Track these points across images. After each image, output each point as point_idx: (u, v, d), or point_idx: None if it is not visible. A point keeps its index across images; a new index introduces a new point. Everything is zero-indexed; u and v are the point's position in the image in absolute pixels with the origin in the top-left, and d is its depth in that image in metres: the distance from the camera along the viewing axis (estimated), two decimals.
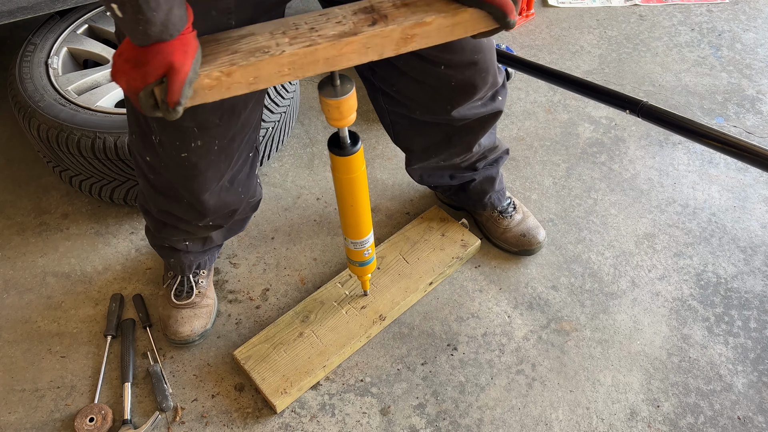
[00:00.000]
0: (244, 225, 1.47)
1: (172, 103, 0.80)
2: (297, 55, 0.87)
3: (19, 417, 1.35)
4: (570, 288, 1.54)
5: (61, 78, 1.65)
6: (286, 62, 0.87)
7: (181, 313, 1.42)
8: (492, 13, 0.93)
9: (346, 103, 1.01)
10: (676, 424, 1.31)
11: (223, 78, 0.85)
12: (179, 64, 0.78)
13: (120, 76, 0.81)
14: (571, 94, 1.99)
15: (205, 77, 0.84)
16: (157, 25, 0.74)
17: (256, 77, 0.87)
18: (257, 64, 0.86)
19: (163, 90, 0.80)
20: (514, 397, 1.36)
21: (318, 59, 0.89)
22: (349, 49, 0.90)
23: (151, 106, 0.82)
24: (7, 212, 1.74)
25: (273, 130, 1.70)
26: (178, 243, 1.37)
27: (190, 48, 0.80)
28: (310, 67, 0.90)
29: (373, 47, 0.91)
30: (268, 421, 1.33)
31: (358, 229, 1.26)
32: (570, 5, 2.40)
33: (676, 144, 1.86)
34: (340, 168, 1.13)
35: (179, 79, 0.78)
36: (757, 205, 1.70)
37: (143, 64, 0.78)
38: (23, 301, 1.54)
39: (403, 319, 1.49)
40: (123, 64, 0.80)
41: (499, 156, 1.52)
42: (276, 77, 0.89)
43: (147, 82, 0.79)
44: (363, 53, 0.91)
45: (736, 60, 2.14)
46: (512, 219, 1.57)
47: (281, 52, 0.86)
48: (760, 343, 1.43)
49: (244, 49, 0.88)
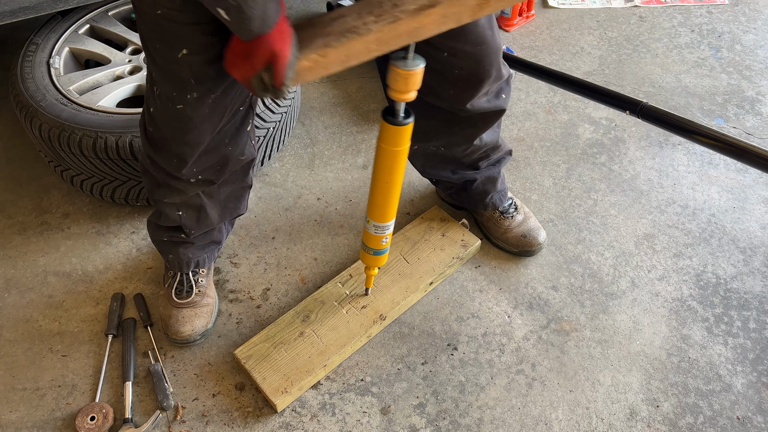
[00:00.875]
0: (239, 206, 1.46)
1: (279, 85, 0.92)
2: (382, 32, 0.95)
3: (21, 415, 1.35)
4: (570, 288, 1.54)
5: (63, 78, 1.66)
6: (373, 39, 0.96)
7: (182, 313, 1.43)
8: None
9: (414, 76, 1.05)
10: (676, 424, 1.31)
11: (319, 59, 0.95)
12: (280, 50, 0.90)
13: (233, 68, 0.96)
14: (572, 95, 1.99)
15: (304, 60, 0.94)
16: (257, 20, 0.86)
17: (348, 55, 0.96)
18: (347, 44, 0.95)
19: (270, 75, 0.92)
20: (513, 397, 1.36)
21: (401, 33, 0.97)
22: (429, 20, 0.96)
23: (262, 89, 0.95)
24: (8, 211, 1.74)
25: (274, 131, 1.70)
26: (173, 213, 1.36)
27: (287, 35, 0.92)
28: (394, 41, 0.98)
29: (451, 16, 0.98)
30: (268, 420, 1.33)
31: (385, 211, 1.24)
32: (570, 6, 2.41)
33: (676, 145, 1.87)
34: (388, 138, 1.13)
35: (283, 63, 0.91)
36: (757, 206, 1.71)
37: (251, 56, 0.92)
38: (24, 300, 1.55)
39: (403, 318, 1.49)
40: (234, 58, 0.95)
41: (502, 156, 1.53)
42: (365, 54, 0.97)
43: (256, 70, 0.92)
44: (442, 23, 0.98)
45: (736, 61, 2.15)
46: (513, 220, 1.57)
47: (368, 31, 0.95)
48: (759, 344, 1.43)
49: (336, 30, 0.96)
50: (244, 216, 1.71)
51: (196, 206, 1.36)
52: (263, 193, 1.77)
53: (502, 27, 2.32)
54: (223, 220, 1.45)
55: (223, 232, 1.52)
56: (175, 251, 1.43)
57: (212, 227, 1.44)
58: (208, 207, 1.38)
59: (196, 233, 1.41)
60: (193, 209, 1.37)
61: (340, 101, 2.01)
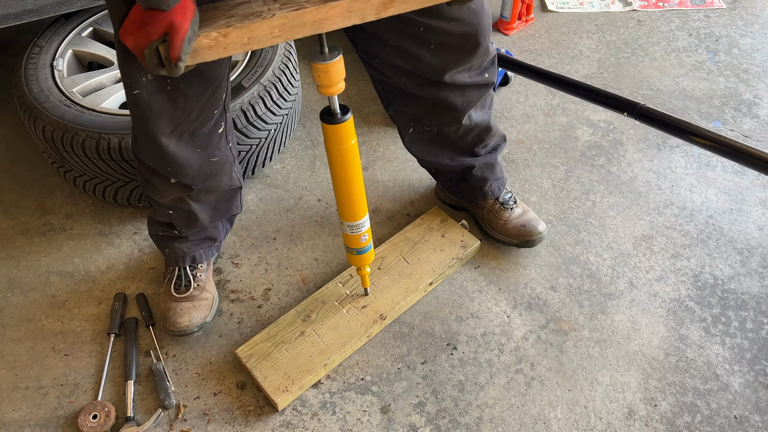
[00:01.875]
0: (231, 207, 1.47)
1: (174, 59, 0.90)
2: (286, 18, 0.96)
3: (23, 414, 1.36)
4: (568, 288, 1.55)
5: (66, 80, 1.67)
6: (277, 24, 0.97)
7: (180, 305, 1.44)
8: None
9: (333, 68, 1.07)
10: (674, 423, 1.32)
11: (220, 38, 0.95)
12: (179, 23, 0.88)
13: (127, 36, 0.92)
14: (570, 98, 2.01)
15: (204, 37, 0.94)
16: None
17: (250, 38, 0.97)
18: (250, 26, 0.96)
19: (166, 48, 0.90)
20: (513, 396, 1.37)
21: (305, 22, 0.98)
22: (334, 12, 0.98)
23: (156, 64, 0.92)
24: (11, 212, 1.75)
25: (275, 132, 1.72)
26: (164, 211, 1.38)
27: (189, 11, 0.90)
28: (298, 30, 0.99)
29: (356, 11, 0.99)
30: (269, 419, 1.34)
31: (352, 210, 1.27)
32: (569, 10, 2.43)
33: (674, 147, 1.88)
34: (332, 138, 1.16)
35: (179, 36, 0.89)
36: (754, 208, 1.72)
37: (147, 24, 0.89)
38: (27, 299, 1.56)
39: (403, 318, 1.50)
40: (130, 26, 0.92)
41: (498, 143, 1.55)
42: (268, 38, 0.98)
43: (151, 40, 0.89)
44: (347, 17, 1.00)
45: (733, 65, 2.17)
46: (513, 211, 1.59)
47: (272, 16, 0.96)
48: (756, 344, 1.44)
49: (239, 13, 0.97)
50: (246, 217, 1.72)
51: (184, 210, 1.37)
52: (264, 194, 1.78)
53: (502, 31, 2.34)
54: (215, 221, 1.46)
55: (220, 229, 1.52)
56: (170, 246, 1.45)
57: (204, 227, 1.45)
58: (198, 210, 1.39)
59: (188, 232, 1.43)
60: (182, 211, 1.38)
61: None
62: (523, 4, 2.29)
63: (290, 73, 1.70)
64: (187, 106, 1.17)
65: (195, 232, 1.45)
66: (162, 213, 1.40)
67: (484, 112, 1.45)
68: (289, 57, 1.72)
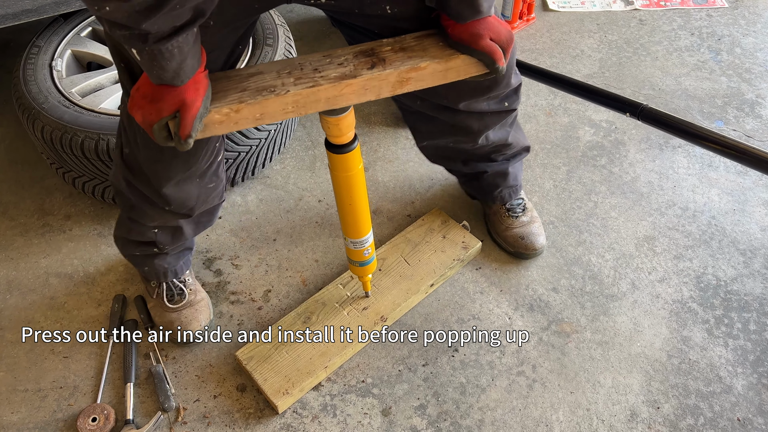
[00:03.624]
0: (212, 219, 1.42)
1: (184, 136, 0.86)
2: (300, 95, 0.94)
3: (22, 417, 1.35)
4: (570, 290, 1.54)
5: (65, 80, 1.66)
6: (290, 101, 0.94)
7: (183, 314, 1.43)
8: (482, 60, 1.00)
9: (344, 120, 1.05)
10: (676, 426, 1.32)
11: (231, 114, 0.92)
12: (191, 101, 0.85)
13: (136, 110, 0.88)
14: (572, 98, 2.00)
15: (215, 113, 0.91)
16: (170, 72, 0.81)
17: (262, 114, 0.94)
18: (263, 102, 0.92)
19: (176, 124, 0.86)
20: (514, 399, 1.36)
21: (320, 99, 0.96)
22: (349, 90, 0.96)
23: (164, 138, 0.89)
24: (10, 213, 1.75)
25: (275, 133, 1.71)
26: (148, 232, 1.32)
27: (202, 86, 0.87)
28: (312, 106, 0.96)
29: (371, 89, 0.98)
30: (269, 421, 1.34)
31: (356, 228, 1.27)
32: (570, 9, 2.42)
33: (676, 147, 1.87)
34: (337, 166, 1.15)
35: (191, 114, 0.85)
36: (757, 208, 1.71)
37: (158, 101, 0.85)
38: (26, 301, 1.55)
39: (404, 320, 1.49)
40: (140, 99, 0.87)
41: (517, 152, 1.52)
42: (280, 114, 0.95)
43: (161, 116, 0.86)
44: (362, 94, 0.98)
45: (736, 64, 2.16)
46: (517, 219, 1.58)
47: (286, 92, 0.93)
48: (759, 345, 1.43)
49: (252, 87, 0.94)
50: (246, 218, 1.71)
51: (170, 227, 1.34)
52: (264, 195, 1.77)
53: None
54: (197, 233, 1.43)
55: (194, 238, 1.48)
56: (150, 263, 1.41)
57: (186, 240, 1.41)
58: (183, 225, 1.35)
59: (170, 248, 1.39)
60: (167, 228, 1.34)
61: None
62: (524, 3, 2.28)
63: None
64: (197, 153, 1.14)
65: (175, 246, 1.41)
66: (145, 233, 1.33)
67: (504, 131, 1.41)
68: (288, 57, 1.71)
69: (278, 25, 1.74)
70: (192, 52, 0.83)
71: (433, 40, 1.03)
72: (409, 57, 0.99)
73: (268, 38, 1.70)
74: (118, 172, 1.23)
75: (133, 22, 0.72)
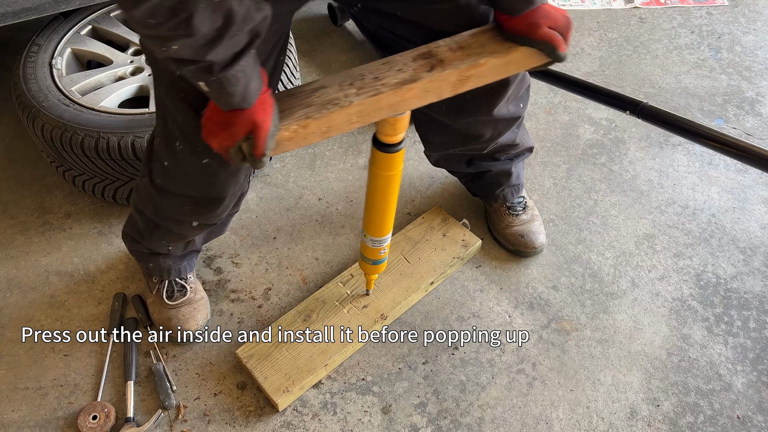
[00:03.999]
0: (224, 229, 1.44)
1: (258, 156, 0.90)
2: (364, 105, 0.94)
3: (23, 415, 1.36)
4: (570, 288, 1.55)
5: (65, 78, 1.66)
6: (355, 112, 0.95)
7: (181, 312, 1.43)
8: (543, 49, 1.00)
9: (402, 120, 1.03)
10: (676, 423, 1.32)
11: (300, 130, 0.93)
12: (261, 121, 0.88)
13: (212, 138, 0.92)
14: (572, 96, 2.00)
15: (284, 131, 0.92)
16: (237, 96, 0.84)
17: (329, 127, 0.95)
18: (329, 116, 0.93)
19: (250, 145, 0.89)
20: (514, 396, 1.36)
21: (382, 106, 0.96)
22: (411, 94, 0.96)
23: (240, 159, 0.92)
24: (10, 212, 1.75)
25: None
26: (160, 247, 1.36)
27: (269, 106, 0.90)
28: (375, 114, 0.97)
29: (432, 90, 0.98)
30: (270, 419, 1.34)
31: (381, 227, 1.25)
32: (570, 7, 2.42)
33: (676, 145, 1.87)
34: (381, 164, 1.12)
35: (263, 134, 0.88)
36: (757, 206, 1.71)
37: (231, 126, 0.89)
38: (26, 300, 1.55)
39: (404, 318, 1.49)
40: (213, 127, 0.91)
41: (520, 152, 1.52)
42: (346, 125, 0.96)
43: (236, 140, 0.89)
44: (423, 97, 0.98)
45: (736, 62, 2.16)
46: (517, 217, 1.58)
47: (349, 103, 0.94)
48: (759, 343, 1.43)
49: (317, 102, 0.95)
50: (246, 216, 1.71)
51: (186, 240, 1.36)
52: (264, 194, 1.77)
53: None
54: (207, 241, 1.45)
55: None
56: (154, 261, 1.42)
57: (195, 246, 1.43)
58: (197, 237, 1.38)
59: (176, 251, 1.40)
60: (182, 243, 1.36)
61: None
62: None
63: (290, 70, 1.69)
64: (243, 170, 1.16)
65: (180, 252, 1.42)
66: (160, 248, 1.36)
67: (512, 132, 1.41)
68: (288, 55, 1.71)
69: None
70: (255, 74, 0.85)
71: (490, 36, 1.01)
72: (467, 55, 0.98)
73: None
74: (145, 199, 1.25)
75: (199, 55, 0.75)
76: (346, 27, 2.32)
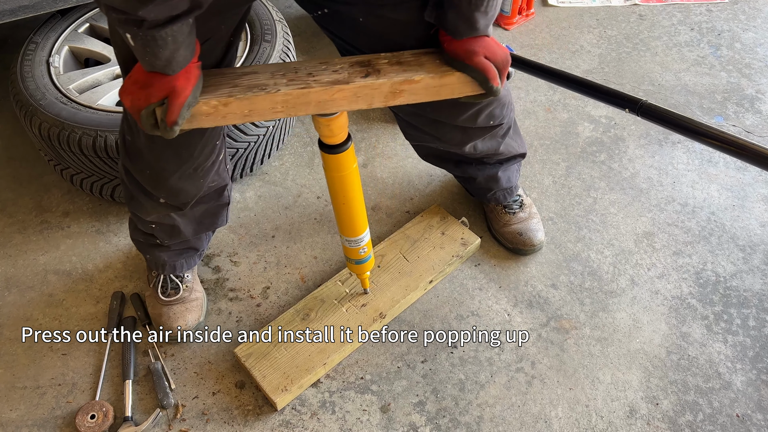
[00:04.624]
0: (217, 221, 1.43)
1: (170, 123, 0.88)
2: (291, 95, 0.95)
3: (21, 414, 1.35)
4: (569, 286, 1.54)
5: (63, 76, 1.66)
6: (280, 100, 0.95)
7: (172, 309, 1.43)
8: (476, 78, 0.99)
9: (336, 121, 1.05)
10: (675, 422, 1.32)
11: (219, 107, 0.93)
12: (180, 88, 0.87)
13: (126, 95, 0.90)
14: (571, 93, 1.99)
15: (203, 104, 0.92)
16: (162, 60, 0.83)
17: (251, 110, 0.95)
18: (253, 98, 0.94)
19: (164, 110, 0.88)
20: (513, 395, 1.36)
21: (310, 101, 0.97)
22: (340, 95, 0.97)
23: (151, 125, 0.90)
24: (8, 210, 1.74)
25: (273, 129, 1.70)
26: (146, 225, 1.34)
27: (193, 77, 0.88)
28: (302, 108, 0.97)
29: (363, 97, 0.99)
30: (268, 418, 1.34)
31: (352, 227, 1.27)
32: (570, 5, 2.41)
33: (676, 143, 1.87)
34: (331, 166, 1.15)
35: (179, 101, 0.87)
36: (756, 204, 1.71)
37: (148, 86, 0.87)
38: (25, 298, 1.55)
39: (403, 317, 1.49)
40: (131, 86, 0.89)
41: (510, 158, 1.51)
42: (269, 113, 0.96)
43: (149, 102, 0.87)
44: (353, 101, 0.99)
45: (736, 59, 2.15)
46: (515, 216, 1.58)
47: (276, 91, 0.94)
48: (758, 342, 1.43)
49: (244, 84, 0.96)
50: (244, 214, 1.71)
51: (168, 224, 1.34)
52: (263, 192, 1.77)
53: (502, 25, 2.32)
54: (198, 234, 1.43)
55: (203, 240, 1.49)
56: (151, 252, 1.42)
57: (187, 240, 1.42)
58: (182, 225, 1.36)
59: (168, 242, 1.39)
60: (164, 225, 1.35)
61: None
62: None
63: None
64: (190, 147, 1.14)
65: (177, 242, 1.42)
66: (144, 225, 1.35)
67: (495, 141, 1.39)
68: (287, 53, 1.70)
69: (276, 21, 1.73)
70: (186, 43, 0.84)
71: (430, 57, 1.04)
72: (404, 70, 1.00)
73: (266, 34, 1.69)
74: (120, 160, 1.25)
75: (130, 8, 0.74)
76: None
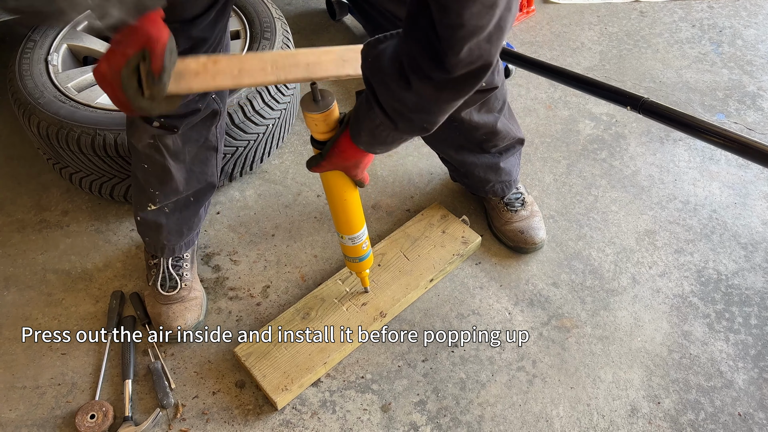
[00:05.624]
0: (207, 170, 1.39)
1: (157, 71, 0.81)
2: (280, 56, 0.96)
3: (20, 414, 1.35)
4: (571, 285, 1.54)
5: (61, 75, 1.65)
6: (269, 59, 0.96)
7: (172, 309, 1.42)
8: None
9: (330, 116, 1.04)
10: (677, 421, 1.31)
11: (209, 65, 0.92)
12: (156, 34, 0.81)
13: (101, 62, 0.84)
14: (572, 91, 1.98)
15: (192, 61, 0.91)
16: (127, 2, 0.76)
17: (241, 70, 0.94)
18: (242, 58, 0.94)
19: (148, 63, 0.82)
20: (514, 394, 1.36)
21: (299, 62, 0.98)
22: (327, 58, 0.99)
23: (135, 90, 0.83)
24: (7, 209, 1.74)
25: (273, 128, 1.70)
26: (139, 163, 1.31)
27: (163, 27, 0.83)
28: (291, 70, 0.98)
29: (350, 61, 1.00)
30: (269, 417, 1.33)
31: (348, 225, 1.26)
32: (570, 2, 2.40)
33: (677, 141, 1.86)
34: None
35: (160, 46, 0.81)
36: (758, 202, 1.70)
37: (120, 44, 0.81)
38: (24, 298, 1.54)
39: (403, 315, 1.49)
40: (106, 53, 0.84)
41: (509, 145, 1.50)
42: (259, 73, 0.96)
43: (127, 56, 0.81)
44: (340, 65, 0.99)
45: (737, 56, 2.14)
46: (516, 214, 1.57)
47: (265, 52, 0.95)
48: (760, 340, 1.43)
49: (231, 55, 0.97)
50: (244, 213, 1.70)
51: (159, 163, 1.29)
52: (263, 190, 1.76)
53: None
54: (190, 184, 1.38)
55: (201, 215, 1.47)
56: (150, 234, 1.42)
57: (179, 193, 1.37)
58: (173, 169, 1.31)
59: (162, 198, 1.35)
60: (156, 165, 1.30)
61: (340, 98, 2.01)
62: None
63: None
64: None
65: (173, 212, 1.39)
66: (137, 168, 1.32)
67: (491, 115, 1.39)
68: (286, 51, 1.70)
69: (276, 18, 1.73)
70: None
71: None
72: None
73: (265, 32, 1.68)
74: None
75: None
76: (344, 22, 2.30)
